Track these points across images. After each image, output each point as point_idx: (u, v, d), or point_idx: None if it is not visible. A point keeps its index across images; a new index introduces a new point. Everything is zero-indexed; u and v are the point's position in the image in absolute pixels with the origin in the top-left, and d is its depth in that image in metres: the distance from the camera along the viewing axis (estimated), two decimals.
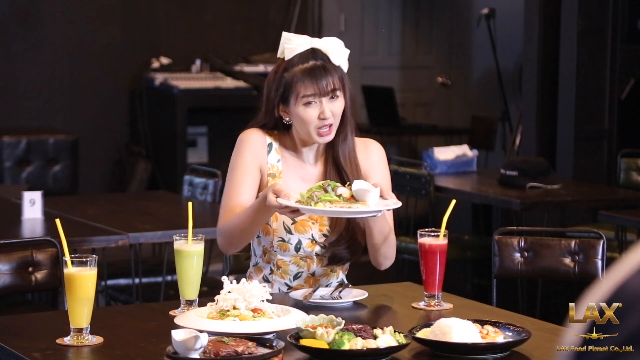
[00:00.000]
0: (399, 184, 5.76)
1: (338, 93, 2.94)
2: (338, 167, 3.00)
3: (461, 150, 6.04)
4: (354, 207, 2.67)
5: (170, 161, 7.90)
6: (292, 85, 2.92)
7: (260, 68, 8.08)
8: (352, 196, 2.71)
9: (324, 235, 2.99)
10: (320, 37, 3.06)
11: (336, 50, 2.96)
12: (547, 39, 6.77)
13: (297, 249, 2.99)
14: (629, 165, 5.87)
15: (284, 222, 2.96)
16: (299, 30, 8.44)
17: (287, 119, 2.97)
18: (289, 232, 2.98)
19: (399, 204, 2.75)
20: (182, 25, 8.28)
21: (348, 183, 2.76)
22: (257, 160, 2.99)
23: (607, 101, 6.67)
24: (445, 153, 5.98)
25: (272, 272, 3.02)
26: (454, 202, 3.00)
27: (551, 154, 6.67)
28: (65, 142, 7.13)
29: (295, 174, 3.02)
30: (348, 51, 3.02)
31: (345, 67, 2.99)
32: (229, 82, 8.02)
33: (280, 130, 3.03)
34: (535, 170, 5.44)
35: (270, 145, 3.01)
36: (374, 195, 2.69)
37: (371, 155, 3.07)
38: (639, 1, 6.73)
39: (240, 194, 2.96)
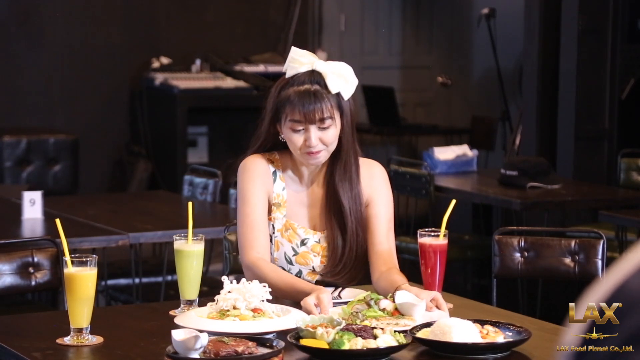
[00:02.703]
0: (399, 184, 5.76)
1: (329, 122, 2.84)
2: (337, 198, 2.95)
3: (461, 150, 6.04)
4: (401, 323, 2.59)
5: (171, 161, 7.90)
6: (283, 106, 2.86)
7: (261, 68, 8.08)
8: (396, 309, 2.64)
9: (325, 266, 2.98)
10: (320, 37, 3.03)
11: (335, 76, 2.86)
12: (547, 39, 6.77)
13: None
14: (629, 165, 5.86)
15: (285, 253, 2.96)
16: (299, 30, 8.44)
17: (282, 135, 2.93)
18: (290, 263, 2.97)
19: (446, 317, 2.64)
20: (182, 25, 8.28)
21: (390, 295, 2.68)
22: (265, 188, 2.96)
23: (607, 101, 6.67)
24: (445, 153, 5.98)
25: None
26: (454, 202, 3.00)
27: (551, 154, 6.68)
28: (65, 142, 7.13)
29: (298, 200, 2.99)
30: (353, 78, 2.89)
31: (347, 94, 2.87)
32: (229, 82, 8.02)
33: (280, 150, 2.99)
34: (535, 170, 5.44)
35: (274, 173, 2.97)
36: (420, 309, 2.62)
37: (374, 179, 3.00)
38: (639, 1, 6.73)
39: (260, 222, 2.92)
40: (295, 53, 2.91)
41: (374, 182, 3.00)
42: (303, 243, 2.96)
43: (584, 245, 3.34)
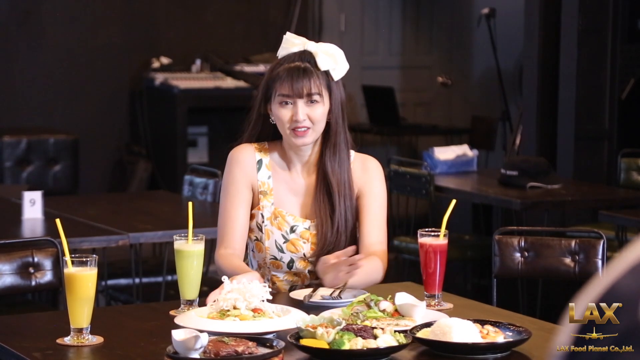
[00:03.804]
0: (399, 184, 5.76)
1: (317, 98, 2.89)
2: (327, 181, 2.97)
3: (461, 150, 6.04)
4: (401, 323, 2.60)
5: (171, 161, 7.90)
6: (274, 82, 2.91)
7: (261, 68, 8.08)
8: (396, 310, 2.64)
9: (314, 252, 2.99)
10: (320, 37, 3.05)
11: (325, 55, 2.91)
12: (547, 39, 6.77)
13: (290, 266, 2.99)
14: (629, 165, 5.86)
15: (275, 241, 2.97)
16: (299, 30, 8.44)
17: (272, 118, 2.96)
18: (281, 250, 2.97)
19: (445, 316, 2.64)
20: (182, 25, 8.28)
21: (390, 297, 2.69)
22: (247, 180, 2.97)
23: (607, 101, 6.67)
24: (445, 153, 5.98)
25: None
26: (454, 202, 3.00)
27: (551, 154, 6.67)
28: (65, 142, 7.13)
29: (286, 188, 3.00)
30: (344, 60, 2.93)
31: (337, 74, 2.93)
32: (229, 82, 8.02)
33: (271, 140, 3.01)
34: (535, 170, 5.44)
35: (260, 162, 2.99)
36: (420, 310, 2.63)
37: (367, 171, 3.01)
38: (639, 1, 6.73)
39: (235, 219, 2.94)
40: (290, 36, 2.98)
41: (367, 175, 3.01)
42: (292, 230, 2.97)
43: (584, 245, 3.34)
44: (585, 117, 6.64)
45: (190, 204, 2.88)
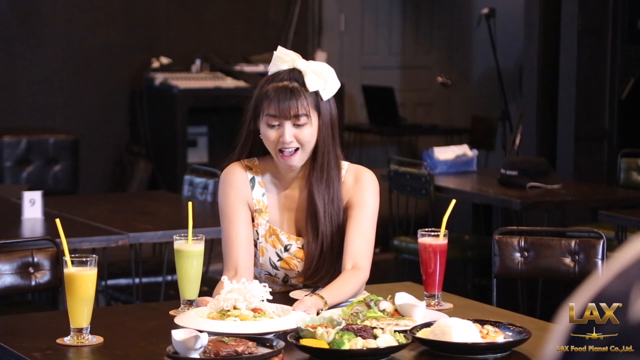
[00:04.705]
0: (399, 184, 5.76)
1: (304, 119, 2.83)
2: (312, 196, 2.92)
3: (461, 150, 6.04)
4: (401, 323, 2.59)
5: (171, 161, 7.90)
6: (262, 101, 2.86)
7: (261, 68, 8.08)
8: (396, 310, 2.64)
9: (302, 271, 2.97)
10: (320, 37, 3.03)
11: (314, 75, 2.85)
12: (547, 39, 6.77)
13: (285, 281, 2.98)
14: (629, 165, 5.87)
15: (270, 259, 2.95)
16: (299, 30, 8.44)
17: (261, 135, 2.92)
18: (275, 268, 2.95)
19: (445, 316, 2.66)
20: (182, 25, 8.28)
21: (390, 297, 2.67)
22: (243, 199, 2.93)
23: (607, 101, 6.67)
24: (445, 153, 5.98)
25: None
26: (454, 202, 3.00)
27: (551, 154, 6.68)
28: (65, 142, 7.13)
29: (280, 204, 2.96)
30: (334, 80, 2.88)
31: (326, 94, 2.86)
32: (229, 82, 8.02)
33: (261, 155, 2.98)
34: (535, 170, 5.44)
35: (252, 180, 2.95)
36: (420, 310, 2.63)
37: (360, 182, 2.94)
38: (639, 1, 6.73)
39: (236, 239, 2.90)
40: (280, 52, 2.93)
41: (359, 185, 2.94)
42: (286, 249, 2.95)
43: (584, 245, 3.34)
44: (585, 117, 6.64)
45: (190, 204, 2.88)
